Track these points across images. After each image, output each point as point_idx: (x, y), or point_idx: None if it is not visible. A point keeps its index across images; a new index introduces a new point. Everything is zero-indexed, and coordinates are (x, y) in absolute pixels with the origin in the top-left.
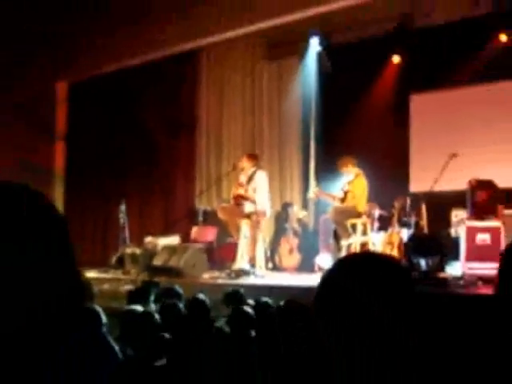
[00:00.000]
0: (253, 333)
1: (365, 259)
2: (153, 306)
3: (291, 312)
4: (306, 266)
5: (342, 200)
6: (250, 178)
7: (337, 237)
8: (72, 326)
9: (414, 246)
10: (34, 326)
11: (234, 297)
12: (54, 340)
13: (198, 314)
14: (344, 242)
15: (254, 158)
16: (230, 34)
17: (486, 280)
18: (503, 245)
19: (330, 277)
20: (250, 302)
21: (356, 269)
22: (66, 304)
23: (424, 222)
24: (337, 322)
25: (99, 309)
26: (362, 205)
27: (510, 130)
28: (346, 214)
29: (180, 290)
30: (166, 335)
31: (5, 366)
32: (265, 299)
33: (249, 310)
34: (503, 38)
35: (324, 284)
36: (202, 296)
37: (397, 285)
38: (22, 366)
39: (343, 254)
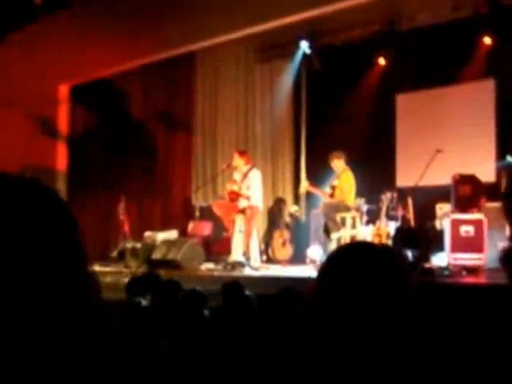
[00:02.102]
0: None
1: (362, 247)
2: (149, 298)
3: (288, 298)
4: (298, 258)
5: (331, 195)
6: (245, 176)
7: (327, 230)
8: (75, 321)
9: (401, 238)
10: (36, 321)
11: (232, 287)
12: (57, 335)
13: (192, 304)
14: (334, 235)
15: (244, 154)
16: (224, 39)
17: (469, 270)
18: (486, 236)
19: (329, 266)
20: (247, 292)
21: (354, 256)
22: (70, 298)
23: (410, 216)
24: (337, 307)
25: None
26: (351, 199)
27: (490, 126)
28: (336, 208)
29: (178, 282)
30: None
31: (7, 364)
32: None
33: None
34: (487, 40)
35: (324, 271)
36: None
37: (393, 270)
38: (25, 363)
39: (333, 246)
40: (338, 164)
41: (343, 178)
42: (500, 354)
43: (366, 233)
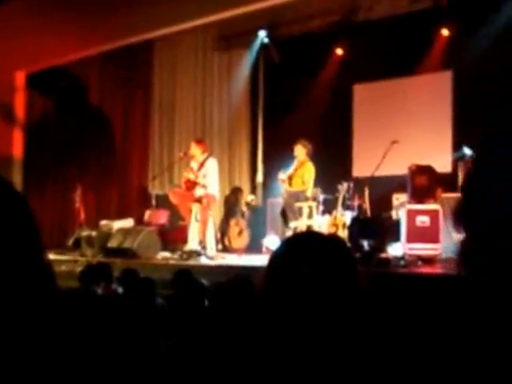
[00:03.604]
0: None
1: (309, 238)
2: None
3: (237, 286)
4: (255, 247)
5: (289, 184)
6: (202, 165)
7: (285, 219)
8: (32, 310)
9: (357, 228)
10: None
11: (184, 276)
12: (14, 324)
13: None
14: (292, 224)
15: (201, 143)
16: (182, 27)
17: (425, 260)
18: (442, 227)
19: (277, 255)
20: (203, 281)
21: (301, 247)
22: (27, 287)
23: (367, 206)
24: (285, 298)
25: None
26: (310, 189)
27: (446, 117)
28: (296, 197)
29: (136, 270)
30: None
31: None
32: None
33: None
34: (445, 32)
35: (272, 262)
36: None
37: (339, 260)
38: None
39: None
40: (301, 152)
41: (305, 167)
42: (454, 344)
43: (322, 223)
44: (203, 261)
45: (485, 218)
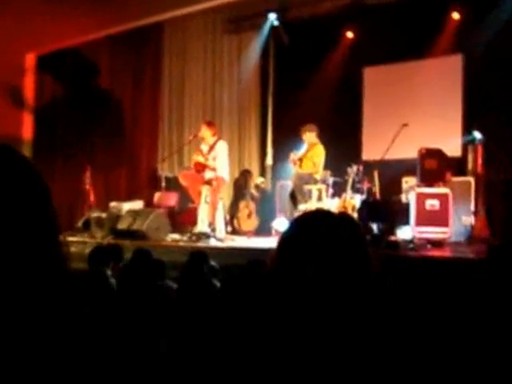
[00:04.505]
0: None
1: (319, 216)
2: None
3: (251, 269)
4: (264, 229)
5: (300, 166)
6: (211, 148)
7: (294, 201)
8: (46, 290)
9: (367, 211)
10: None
11: (199, 257)
12: (27, 305)
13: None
14: (301, 207)
15: (212, 125)
16: (192, 9)
17: (434, 243)
18: (451, 210)
19: (288, 234)
20: (213, 263)
21: (312, 225)
22: (42, 267)
23: (376, 189)
24: (296, 274)
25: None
26: (320, 172)
27: (457, 101)
28: (306, 179)
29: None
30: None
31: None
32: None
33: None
34: (456, 15)
35: (283, 241)
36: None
37: (350, 237)
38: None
39: None
40: (310, 137)
41: (315, 150)
42: (460, 326)
43: (331, 205)
44: (212, 243)
45: None
